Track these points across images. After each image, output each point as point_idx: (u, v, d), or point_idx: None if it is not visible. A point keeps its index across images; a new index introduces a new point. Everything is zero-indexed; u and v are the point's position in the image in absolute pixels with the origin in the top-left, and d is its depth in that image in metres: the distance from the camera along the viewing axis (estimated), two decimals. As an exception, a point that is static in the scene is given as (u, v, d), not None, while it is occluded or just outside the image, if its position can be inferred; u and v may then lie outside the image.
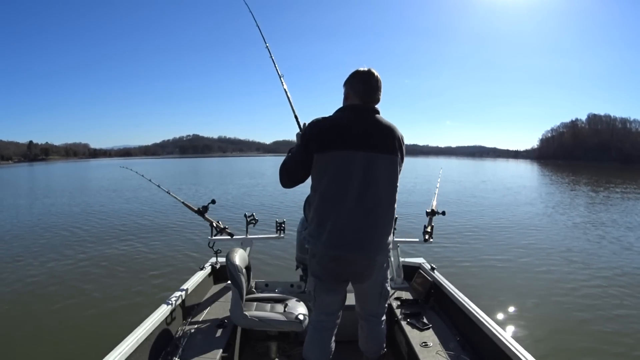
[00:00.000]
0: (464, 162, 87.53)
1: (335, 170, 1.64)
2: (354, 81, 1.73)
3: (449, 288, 2.51)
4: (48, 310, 4.46)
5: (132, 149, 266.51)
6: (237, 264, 2.16)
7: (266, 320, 2.13)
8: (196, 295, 2.68)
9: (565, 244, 7.22)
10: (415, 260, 3.09)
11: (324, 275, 1.75)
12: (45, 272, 5.88)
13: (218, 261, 3.10)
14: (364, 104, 1.71)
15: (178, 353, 1.98)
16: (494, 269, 5.68)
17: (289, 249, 5.22)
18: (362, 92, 1.71)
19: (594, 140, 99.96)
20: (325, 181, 1.66)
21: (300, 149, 1.72)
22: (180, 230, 8.69)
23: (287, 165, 1.76)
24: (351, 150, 1.63)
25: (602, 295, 4.66)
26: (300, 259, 2.77)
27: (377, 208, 1.67)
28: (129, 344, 1.79)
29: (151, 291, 4.90)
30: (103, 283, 5.30)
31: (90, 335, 3.80)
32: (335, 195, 1.65)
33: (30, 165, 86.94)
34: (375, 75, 1.71)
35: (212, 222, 2.95)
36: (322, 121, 1.70)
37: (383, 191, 1.68)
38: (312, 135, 1.68)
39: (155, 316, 2.10)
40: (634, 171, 46.49)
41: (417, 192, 14.84)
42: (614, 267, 5.71)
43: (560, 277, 5.30)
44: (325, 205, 1.67)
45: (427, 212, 3.00)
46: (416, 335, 2.18)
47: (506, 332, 1.91)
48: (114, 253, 6.93)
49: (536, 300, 4.51)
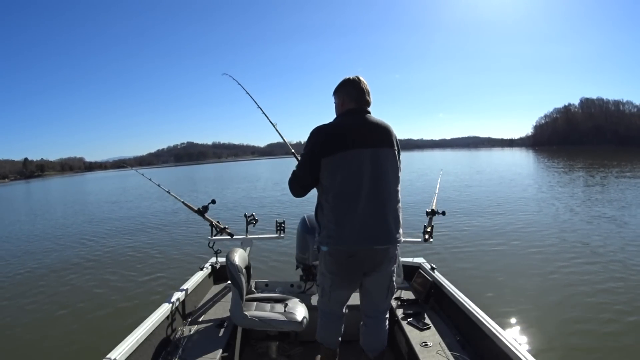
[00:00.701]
0: (460, 153, 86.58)
1: (347, 170, 1.73)
2: (347, 88, 1.85)
3: (449, 288, 2.51)
4: (48, 310, 4.47)
5: (128, 159, 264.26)
6: (237, 264, 2.16)
7: (266, 320, 2.13)
8: (196, 295, 2.68)
9: (566, 243, 7.22)
10: (415, 260, 3.09)
11: (342, 272, 1.83)
12: (44, 272, 5.88)
13: (218, 261, 3.10)
14: (360, 106, 1.83)
15: (178, 353, 1.98)
16: (494, 269, 5.68)
17: (289, 249, 5.22)
18: (356, 96, 1.83)
19: (588, 125, 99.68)
20: (339, 181, 1.74)
21: (307, 156, 1.81)
22: (180, 230, 8.69)
23: (296, 175, 1.87)
24: (358, 148, 1.73)
25: (605, 297, 4.65)
26: (300, 259, 2.78)
27: (389, 200, 1.77)
28: (129, 344, 1.80)
29: (151, 291, 4.90)
30: (103, 283, 5.30)
31: (90, 335, 3.80)
32: (350, 193, 1.73)
33: (27, 183, 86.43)
34: (364, 81, 1.85)
35: (212, 222, 2.95)
36: (326, 127, 1.81)
37: (392, 183, 1.79)
38: (318, 141, 1.77)
39: (155, 316, 2.10)
40: (629, 153, 46.32)
41: (416, 190, 14.83)
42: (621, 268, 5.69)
43: (560, 277, 5.29)
44: (342, 204, 1.74)
45: (427, 212, 3.00)
46: (416, 335, 2.18)
47: (506, 332, 1.90)
48: (114, 253, 6.94)
49: (536, 300, 4.51)
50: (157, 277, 5.48)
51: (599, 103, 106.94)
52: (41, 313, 4.40)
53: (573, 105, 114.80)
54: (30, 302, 4.75)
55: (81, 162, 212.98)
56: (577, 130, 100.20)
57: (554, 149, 73.44)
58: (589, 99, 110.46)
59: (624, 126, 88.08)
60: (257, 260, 5.24)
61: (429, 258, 3.11)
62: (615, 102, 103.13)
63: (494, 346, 1.86)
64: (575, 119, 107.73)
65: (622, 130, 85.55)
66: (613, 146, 70.04)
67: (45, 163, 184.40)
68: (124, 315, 4.20)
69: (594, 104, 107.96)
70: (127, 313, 4.21)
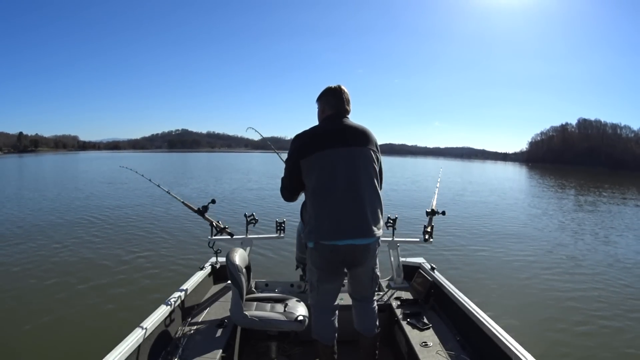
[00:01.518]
0: (452, 163, 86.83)
1: (321, 168, 1.85)
2: (327, 97, 1.98)
3: (449, 288, 2.51)
4: (47, 310, 4.45)
5: (121, 142, 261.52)
6: (237, 263, 2.16)
7: (266, 320, 2.13)
8: (196, 295, 2.68)
9: (565, 245, 7.22)
10: (415, 260, 3.09)
11: (325, 265, 1.93)
12: (43, 272, 5.87)
13: (218, 261, 3.10)
14: (337, 113, 1.96)
15: (178, 353, 1.98)
16: (494, 269, 5.68)
17: (289, 248, 5.23)
18: (335, 104, 1.96)
19: (583, 145, 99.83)
20: (314, 179, 1.86)
21: (289, 162, 1.96)
22: (180, 229, 8.68)
23: (282, 181, 2.03)
24: (331, 148, 1.86)
25: (604, 296, 4.66)
26: (300, 258, 2.78)
27: (365, 195, 1.85)
28: (129, 344, 1.79)
29: (151, 291, 4.89)
30: (103, 283, 5.29)
31: (90, 335, 3.80)
32: (325, 190, 1.84)
33: (20, 157, 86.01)
34: (345, 90, 1.98)
35: (212, 222, 2.95)
36: (304, 133, 1.96)
37: (367, 180, 1.88)
38: (296, 146, 1.92)
39: (155, 316, 2.10)
40: (622, 177, 46.50)
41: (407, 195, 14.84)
42: (616, 270, 5.71)
43: (560, 277, 5.30)
44: (318, 200, 1.86)
45: (427, 212, 3.00)
46: (416, 335, 2.18)
47: (506, 332, 1.90)
48: (113, 253, 6.92)
49: (536, 300, 4.51)
50: (157, 277, 5.48)
51: (596, 125, 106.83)
52: (39, 312, 4.40)
53: (570, 125, 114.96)
54: (28, 302, 4.74)
55: (75, 141, 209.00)
56: (572, 150, 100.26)
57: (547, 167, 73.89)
58: (587, 120, 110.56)
59: (620, 150, 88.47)
60: (257, 260, 5.24)
61: (429, 258, 3.11)
62: (613, 126, 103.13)
63: (494, 346, 1.86)
64: (572, 139, 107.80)
65: (617, 154, 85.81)
66: (607, 169, 70.53)
67: (40, 139, 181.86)
68: (123, 315, 4.19)
69: (591, 125, 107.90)
70: (127, 313, 4.21)
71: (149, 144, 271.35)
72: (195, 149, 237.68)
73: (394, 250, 3.00)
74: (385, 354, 2.52)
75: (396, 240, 2.98)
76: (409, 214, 8.48)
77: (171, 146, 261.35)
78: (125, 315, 4.13)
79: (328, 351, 2.03)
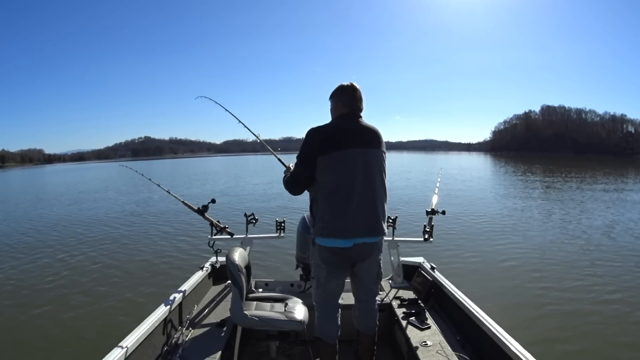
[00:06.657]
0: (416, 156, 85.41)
1: (341, 168, 1.87)
2: (341, 94, 2.01)
3: (449, 287, 2.51)
4: (47, 309, 4.46)
5: (86, 153, 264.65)
6: (237, 263, 2.16)
7: (266, 319, 2.13)
8: (196, 294, 2.68)
9: (566, 244, 7.22)
10: (415, 260, 3.09)
11: (335, 262, 1.95)
12: (43, 272, 5.88)
13: (218, 261, 3.10)
14: (351, 112, 1.98)
15: (178, 352, 1.98)
16: (494, 269, 5.68)
17: (289, 248, 5.22)
18: (349, 102, 1.99)
19: (548, 132, 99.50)
20: (333, 178, 1.88)
21: (304, 155, 1.95)
22: (180, 229, 8.68)
23: (293, 174, 2.03)
24: (350, 149, 1.89)
25: (604, 296, 4.66)
26: (300, 258, 2.78)
27: (378, 196, 1.92)
28: (129, 344, 1.80)
29: (151, 291, 4.89)
30: (102, 283, 5.30)
31: (90, 335, 3.80)
32: (345, 189, 1.87)
33: None
34: (357, 88, 2.00)
35: (212, 222, 2.95)
36: (321, 128, 1.96)
37: (379, 181, 1.94)
38: (314, 141, 1.92)
39: (155, 316, 2.10)
40: (586, 161, 46.35)
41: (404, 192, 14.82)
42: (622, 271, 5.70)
43: (561, 276, 5.29)
44: (336, 199, 1.88)
45: (427, 212, 3.00)
46: (416, 335, 2.18)
47: (506, 332, 1.90)
48: (113, 253, 6.93)
49: (536, 300, 4.51)
50: (157, 277, 5.48)
51: (560, 111, 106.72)
52: (39, 312, 4.40)
53: (534, 112, 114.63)
54: (28, 302, 4.74)
55: (41, 154, 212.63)
56: (536, 137, 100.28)
57: (512, 155, 73.82)
58: (551, 106, 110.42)
59: (585, 134, 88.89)
60: (257, 260, 5.24)
61: (429, 258, 3.11)
62: (578, 111, 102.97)
63: (494, 346, 1.86)
64: (535, 126, 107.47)
65: (583, 139, 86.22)
66: (572, 154, 70.60)
67: (6, 154, 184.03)
68: (123, 315, 4.20)
69: (555, 112, 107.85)
70: (127, 313, 4.21)
71: (113, 154, 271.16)
72: (159, 156, 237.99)
73: (394, 250, 3.00)
74: (385, 353, 2.52)
75: (396, 240, 2.98)
76: (408, 214, 8.48)
77: (135, 154, 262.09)
78: (126, 315, 4.14)
79: (330, 349, 2.03)
